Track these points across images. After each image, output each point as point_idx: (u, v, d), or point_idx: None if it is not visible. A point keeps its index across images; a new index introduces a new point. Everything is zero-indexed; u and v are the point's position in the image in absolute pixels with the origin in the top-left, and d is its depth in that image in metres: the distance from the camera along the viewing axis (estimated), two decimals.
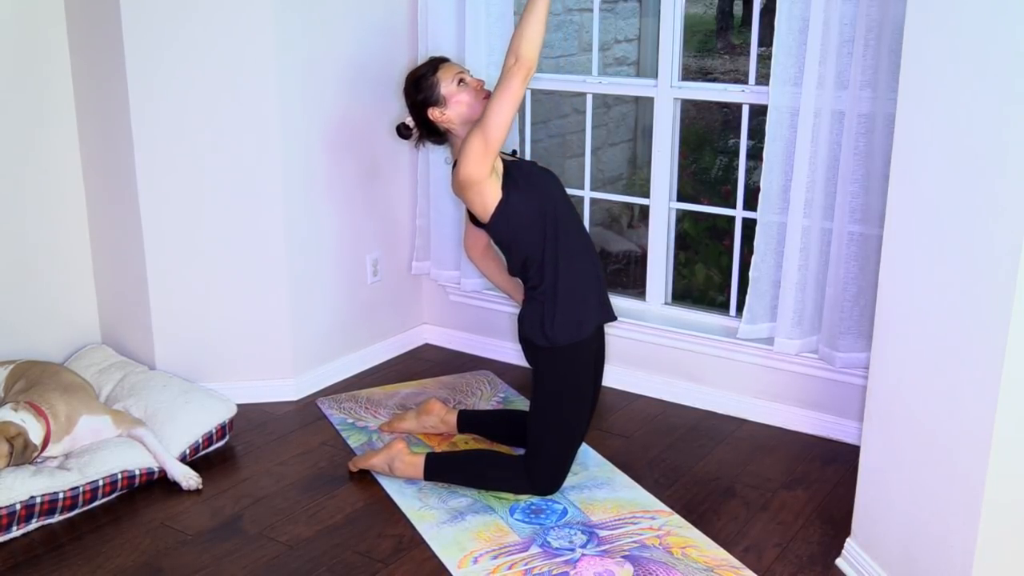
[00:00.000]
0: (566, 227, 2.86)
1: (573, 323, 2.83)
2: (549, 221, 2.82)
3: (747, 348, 3.40)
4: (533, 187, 2.83)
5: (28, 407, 2.85)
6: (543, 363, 2.87)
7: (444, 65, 2.93)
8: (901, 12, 2.69)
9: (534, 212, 2.81)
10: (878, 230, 2.93)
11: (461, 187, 2.78)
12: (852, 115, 2.98)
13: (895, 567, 2.37)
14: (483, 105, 2.82)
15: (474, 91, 2.88)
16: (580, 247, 2.89)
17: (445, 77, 2.89)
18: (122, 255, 3.50)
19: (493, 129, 2.69)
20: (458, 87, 2.88)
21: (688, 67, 6.09)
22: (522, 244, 2.85)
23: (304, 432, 3.38)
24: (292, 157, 3.46)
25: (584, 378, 2.88)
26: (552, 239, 2.82)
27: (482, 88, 2.91)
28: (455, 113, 2.88)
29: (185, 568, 2.61)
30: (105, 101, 3.37)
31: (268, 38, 3.31)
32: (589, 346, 2.88)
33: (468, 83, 2.89)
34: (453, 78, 2.88)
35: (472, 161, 2.71)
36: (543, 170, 2.99)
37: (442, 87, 2.88)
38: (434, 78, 2.90)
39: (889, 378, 2.36)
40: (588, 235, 2.98)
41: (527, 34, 2.68)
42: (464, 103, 2.87)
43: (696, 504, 2.91)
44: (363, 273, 3.86)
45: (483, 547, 2.68)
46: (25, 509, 2.69)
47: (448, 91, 2.88)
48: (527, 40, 2.68)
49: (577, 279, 2.84)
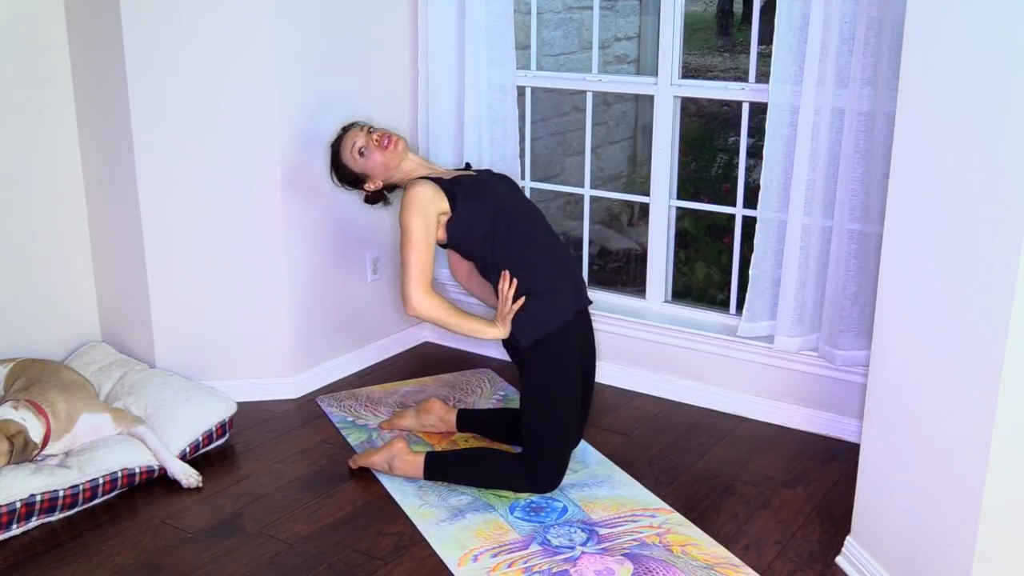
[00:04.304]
0: (521, 225, 2.89)
1: (545, 315, 2.83)
2: (500, 223, 2.85)
3: (747, 346, 3.40)
4: (476, 195, 2.87)
5: (28, 405, 2.85)
6: (526, 360, 2.87)
7: (342, 146, 3.04)
8: (901, 10, 2.68)
9: (483, 218, 2.85)
10: (878, 228, 2.93)
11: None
12: (852, 113, 2.98)
13: (895, 565, 2.37)
14: (389, 153, 2.95)
15: (375, 149, 2.97)
16: (541, 242, 2.91)
17: (346, 156, 3.02)
18: (122, 253, 3.50)
19: (414, 270, 2.80)
20: (362, 158, 2.98)
21: (688, 65, 6.09)
22: (480, 251, 2.89)
23: (304, 430, 3.38)
24: (291, 155, 3.46)
25: (569, 368, 2.87)
26: (505, 239, 2.85)
27: (383, 138, 2.97)
28: (379, 176, 3.02)
29: (185, 566, 2.61)
30: (105, 100, 3.37)
31: (268, 36, 3.31)
32: (569, 334, 2.87)
33: (366, 147, 2.97)
34: (351, 152, 2.99)
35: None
36: (494, 176, 3.05)
37: (353, 168, 3.02)
38: (341, 162, 3.04)
39: (889, 376, 2.36)
40: (550, 228, 3.01)
41: (439, 319, 2.81)
42: (375, 165, 2.99)
43: (696, 502, 2.91)
44: (363, 271, 3.86)
45: (483, 545, 2.68)
46: (25, 507, 2.69)
47: (359, 167, 3.00)
48: (433, 317, 2.81)
49: (541, 273, 2.86)
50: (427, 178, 2.89)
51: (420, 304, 2.79)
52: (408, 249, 2.80)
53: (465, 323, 2.84)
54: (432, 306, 2.80)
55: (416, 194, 2.81)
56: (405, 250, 2.80)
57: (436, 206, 2.82)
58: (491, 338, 2.86)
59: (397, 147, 2.97)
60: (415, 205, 2.80)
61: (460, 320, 2.83)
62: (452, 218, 2.84)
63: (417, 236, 2.79)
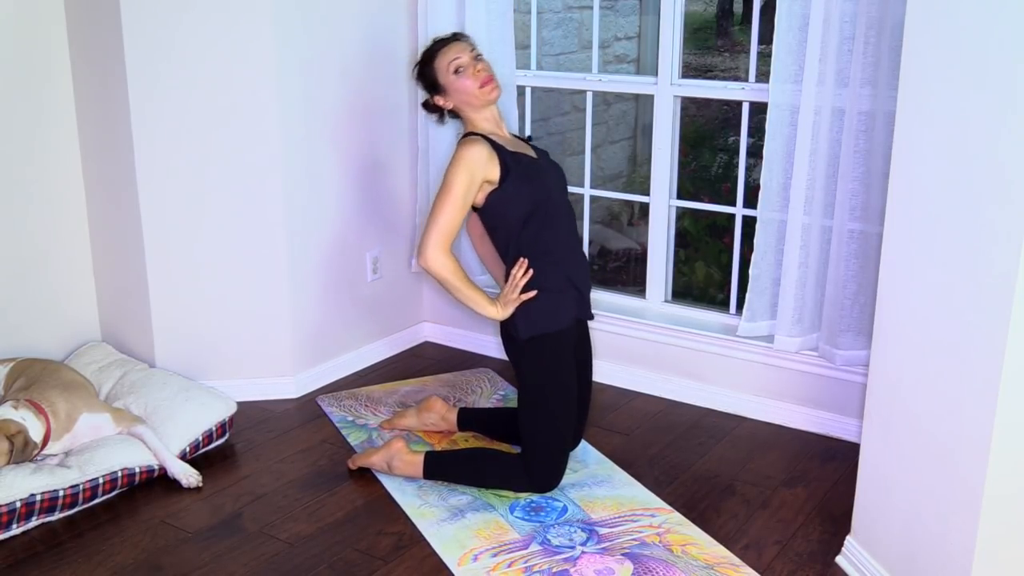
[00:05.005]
0: (555, 222, 2.86)
1: (550, 313, 2.83)
2: (539, 214, 2.82)
3: (747, 346, 3.40)
4: (529, 178, 2.82)
5: (28, 405, 2.85)
6: (521, 357, 2.87)
7: (443, 50, 2.90)
8: (901, 9, 2.68)
9: (526, 202, 2.81)
10: (878, 228, 2.93)
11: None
12: (852, 113, 2.98)
13: (895, 565, 2.37)
14: (485, 93, 2.83)
15: (471, 77, 2.86)
16: (566, 243, 2.89)
17: (442, 65, 2.88)
18: (122, 253, 3.50)
19: (440, 224, 2.74)
20: (455, 75, 2.86)
21: (688, 64, 6.08)
22: (507, 230, 2.85)
23: (304, 430, 3.38)
24: (292, 154, 3.46)
25: (564, 370, 2.86)
26: (536, 229, 2.82)
27: (485, 75, 2.86)
28: (455, 100, 2.90)
29: (185, 565, 2.61)
30: (105, 100, 3.37)
31: (268, 36, 3.31)
32: (566, 339, 2.87)
33: (465, 70, 2.86)
34: (448, 66, 2.87)
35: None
36: (548, 164, 2.98)
37: (439, 76, 2.89)
38: (431, 67, 2.90)
39: (889, 376, 2.36)
40: (578, 234, 2.98)
41: (446, 280, 2.76)
42: (461, 91, 2.87)
43: (696, 502, 2.91)
44: (363, 271, 3.86)
45: (483, 545, 2.68)
46: (25, 507, 2.69)
47: (445, 80, 2.88)
48: (441, 276, 2.75)
49: (558, 273, 2.85)
50: (488, 139, 2.82)
51: (434, 260, 2.74)
52: (442, 202, 2.74)
53: (468, 292, 2.78)
54: (443, 265, 2.74)
55: (471, 152, 2.75)
56: (439, 202, 2.74)
57: (485, 171, 2.77)
58: (488, 315, 2.81)
59: (491, 93, 2.87)
60: (466, 162, 2.74)
61: (464, 288, 2.78)
62: (498, 191, 2.79)
63: (456, 193, 2.73)
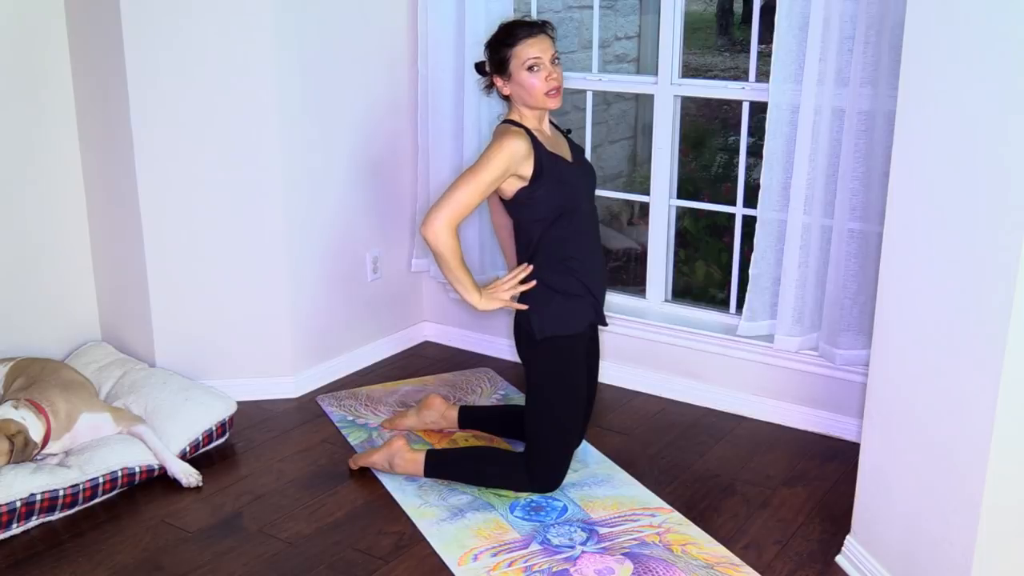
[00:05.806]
0: (580, 230, 2.86)
1: (566, 316, 2.83)
2: (563, 220, 2.82)
3: (747, 345, 3.40)
4: (561, 184, 2.81)
5: (28, 404, 2.86)
6: (533, 357, 2.87)
7: (529, 41, 2.82)
8: (901, 9, 2.68)
9: (555, 205, 2.80)
10: (878, 227, 2.93)
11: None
12: (852, 112, 2.98)
13: (895, 564, 2.37)
14: (548, 100, 2.80)
15: (542, 81, 2.80)
16: (589, 248, 2.89)
17: (520, 55, 2.80)
18: (122, 252, 3.50)
19: (456, 200, 2.71)
20: (527, 72, 2.80)
21: (688, 64, 6.08)
22: (532, 228, 2.85)
23: (304, 429, 3.38)
24: (292, 154, 3.46)
25: (575, 372, 2.87)
26: (560, 232, 2.82)
27: (556, 83, 2.81)
28: (514, 91, 2.84)
29: (185, 565, 2.61)
30: (105, 100, 3.37)
31: (267, 36, 3.31)
32: (579, 342, 2.88)
33: (539, 72, 2.80)
34: (525, 61, 2.79)
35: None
36: (582, 169, 2.95)
37: (512, 63, 2.82)
38: (511, 51, 2.82)
39: (889, 375, 2.36)
40: (599, 239, 2.97)
41: (443, 255, 2.72)
42: (527, 88, 2.81)
43: (696, 501, 2.92)
44: (363, 270, 3.86)
45: (483, 544, 2.68)
46: (25, 506, 2.69)
47: (516, 70, 2.81)
48: (439, 251, 2.72)
49: (577, 277, 2.85)
50: (531, 134, 2.80)
51: (439, 234, 2.71)
52: (467, 180, 2.72)
53: (459, 273, 2.76)
54: (444, 242, 2.72)
55: (512, 145, 2.74)
56: (465, 178, 2.72)
57: (520, 167, 2.76)
58: (471, 302, 2.80)
59: (552, 102, 2.83)
60: (505, 153, 2.73)
61: (457, 270, 2.76)
62: (527, 189, 2.78)
63: (484, 177, 2.71)
